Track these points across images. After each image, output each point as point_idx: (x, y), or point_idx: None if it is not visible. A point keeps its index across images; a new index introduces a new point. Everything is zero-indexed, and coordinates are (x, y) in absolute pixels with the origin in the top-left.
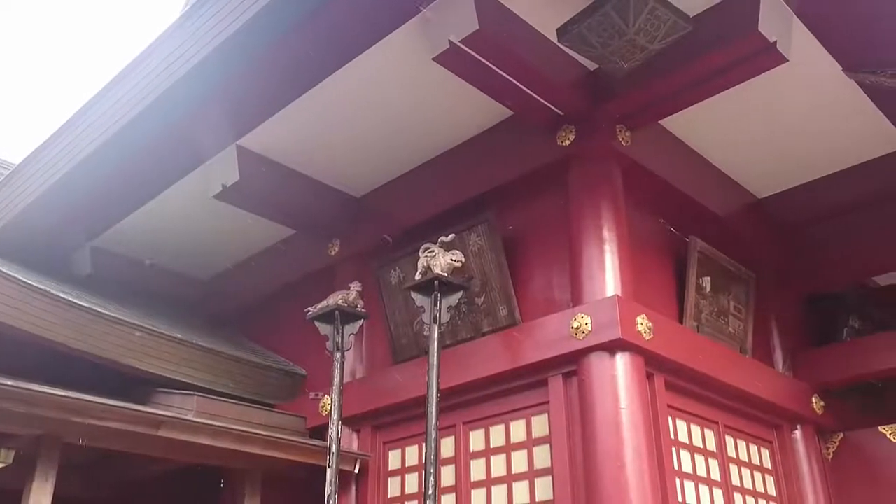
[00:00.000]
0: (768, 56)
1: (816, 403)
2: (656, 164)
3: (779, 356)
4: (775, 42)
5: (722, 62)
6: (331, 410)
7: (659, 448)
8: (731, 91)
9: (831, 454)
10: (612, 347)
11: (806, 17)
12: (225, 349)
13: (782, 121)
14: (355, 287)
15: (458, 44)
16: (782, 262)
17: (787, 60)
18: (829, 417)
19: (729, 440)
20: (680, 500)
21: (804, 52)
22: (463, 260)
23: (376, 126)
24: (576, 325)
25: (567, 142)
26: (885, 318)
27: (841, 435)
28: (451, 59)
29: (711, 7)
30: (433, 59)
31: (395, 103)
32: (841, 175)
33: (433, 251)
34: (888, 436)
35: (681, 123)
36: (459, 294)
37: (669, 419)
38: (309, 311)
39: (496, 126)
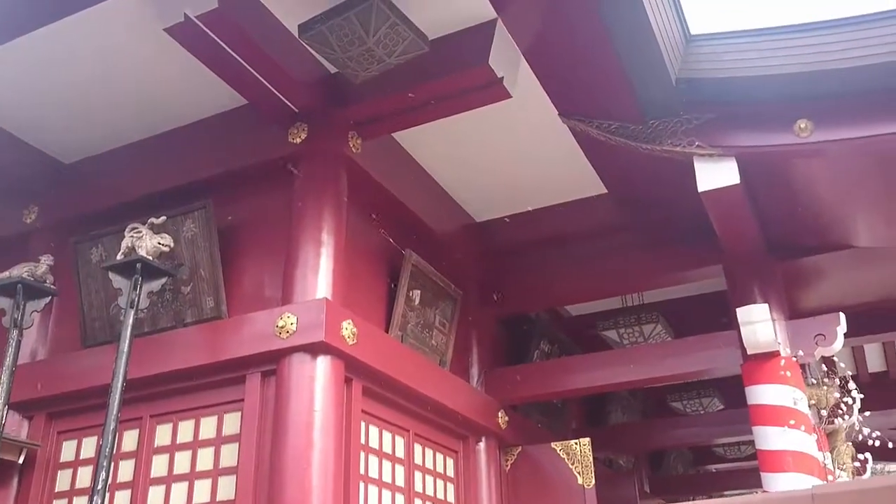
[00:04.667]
0: (495, 90)
1: (501, 418)
2: (384, 175)
3: (475, 371)
4: (502, 78)
5: (452, 88)
6: None
7: (348, 452)
8: (463, 116)
9: (509, 465)
10: (314, 350)
11: (532, 61)
12: None
13: (504, 152)
14: (46, 260)
15: (194, 19)
16: (488, 283)
17: (511, 97)
18: (511, 432)
19: (418, 448)
20: (362, 503)
21: (528, 92)
22: (172, 245)
23: (98, 90)
24: (281, 324)
25: (298, 139)
26: (572, 345)
27: (519, 448)
28: (184, 33)
29: (450, 34)
30: (164, 29)
31: (122, 69)
32: (547, 211)
33: (140, 232)
34: (558, 451)
35: (413, 139)
36: (164, 280)
37: (363, 424)
38: None
39: (229, 112)
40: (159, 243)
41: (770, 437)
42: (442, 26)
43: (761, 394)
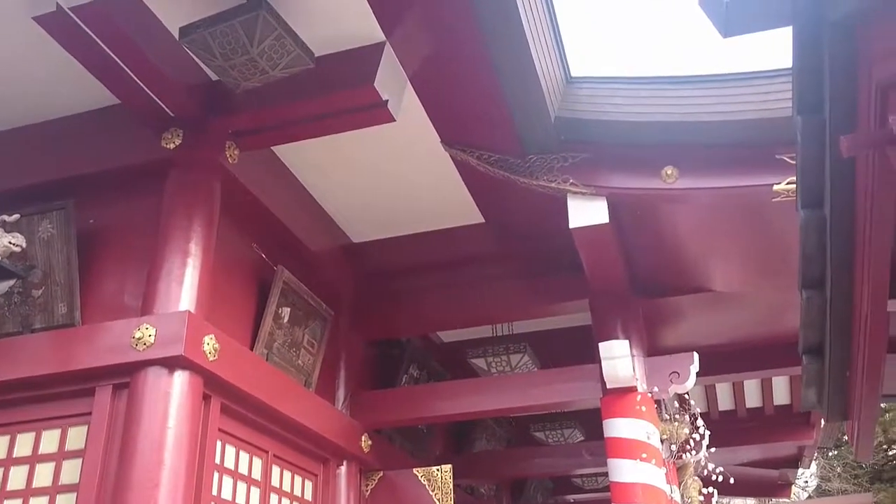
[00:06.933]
0: (379, 112)
1: (365, 442)
2: (260, 188)
3: (341, 394)
4: (387, 101)
5: (336, 107)
6: None
7: (200, 472)
8: (347, 135)
9: (369, 490)
10: (171, 364)
11: (417, 87)
12: None
13: (386, 174)
14: None
15: (67, 10)
16: (361, 305)
17: (395, 120)
18: (374, 456)
19: (276, 470)
20: None
21: (414, 116)
22: (24, 245)
23: None
24: (138, 335)
25: (172, 145)
26: (441, 371)
27: (381, 474)
28: (55, 23)
29: (337, 52)
30: (34, 18)
31: None
32: (424, 236)
33: None
34: (420, 477)
35: (294, 155)
36: (12, 282)
37: (219, 443)
38: None
39: (100, 110)
40: (10, 242)
41: (623, 470)
42: (329, 44)
43: (617, 427)
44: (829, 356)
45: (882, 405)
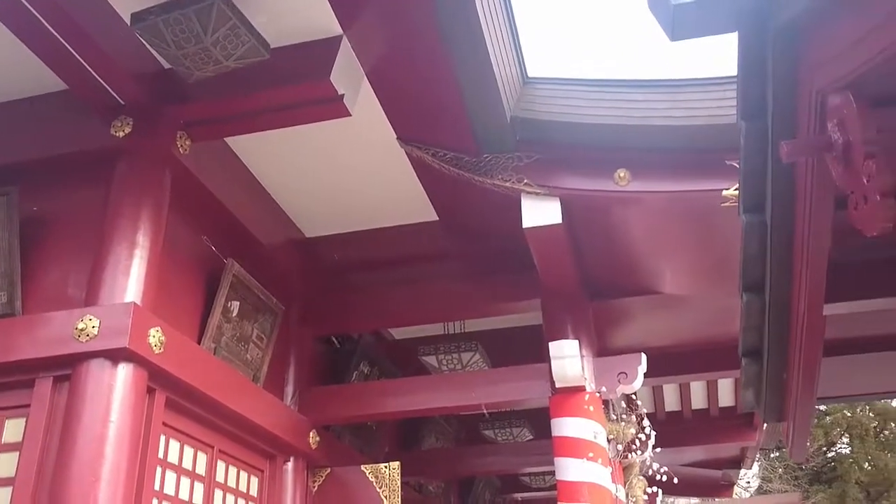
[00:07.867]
0: (334, 106)
1: (313, 438)
2: (211, 180)
3: (289, 389)
4: (343, 95)
5: (291, 99)
6: None
7: (143, 467)
8: (302, 129)
9: (316, 487)
10: (115, 356)
11: (374, 82)
12: None
13: (341, 169)
14: None
15: None
16: (312, 300)
17: (350, 115)
18: (322, 452)
19: (221, 465)
20: None
21: (369, 112)
22: None
23: None
24: (81, 326)
25: (122, 133)
26: (393, 368)
27: (328, 470)
28: (1, 4)
29: (294, 44)
30: None
31: None
32: (378, 232)
33: None
34: (367, 474)
35: (247, 147)
36: None
37: (162, 438)
38: None
39: (48, 95)
40: None
41: (569, 469)
42: (285, 36)
43: (565, 426)
44: (767, 358)
45: (821, 408)
